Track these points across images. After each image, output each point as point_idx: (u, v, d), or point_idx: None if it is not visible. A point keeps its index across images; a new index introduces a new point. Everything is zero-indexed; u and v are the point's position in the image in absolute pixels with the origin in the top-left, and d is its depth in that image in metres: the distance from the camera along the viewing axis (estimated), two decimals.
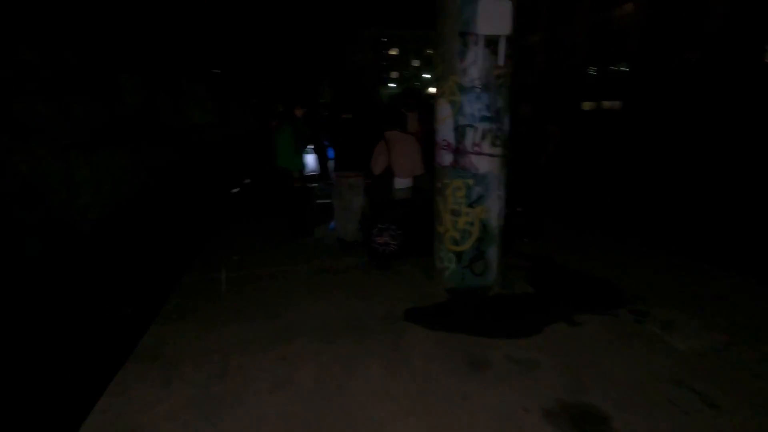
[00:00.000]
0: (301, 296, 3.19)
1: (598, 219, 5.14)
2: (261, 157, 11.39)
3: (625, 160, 10.12)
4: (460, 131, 2.97)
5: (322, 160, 5.08)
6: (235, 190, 7.92)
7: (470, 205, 3.05)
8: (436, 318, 2.86)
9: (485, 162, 3.00)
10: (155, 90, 8.48)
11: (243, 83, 16.17)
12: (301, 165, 4.79)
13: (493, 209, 3.10)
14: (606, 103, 21.43)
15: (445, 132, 3.05)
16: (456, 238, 3.12)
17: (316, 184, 5.49)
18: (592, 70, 22.40)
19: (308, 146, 5.06)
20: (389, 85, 44.57)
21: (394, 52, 49.54)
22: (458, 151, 3.00)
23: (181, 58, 10.02)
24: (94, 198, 5.88)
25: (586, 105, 22.17)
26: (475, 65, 2.85)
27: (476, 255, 3.13)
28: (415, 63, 49.46)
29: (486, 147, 2.97)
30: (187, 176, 8.53)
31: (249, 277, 3.62)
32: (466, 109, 2.92)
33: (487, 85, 2.88)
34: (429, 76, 42.09)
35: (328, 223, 5.05)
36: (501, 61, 2.87)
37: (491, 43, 2.82)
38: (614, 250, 4.09)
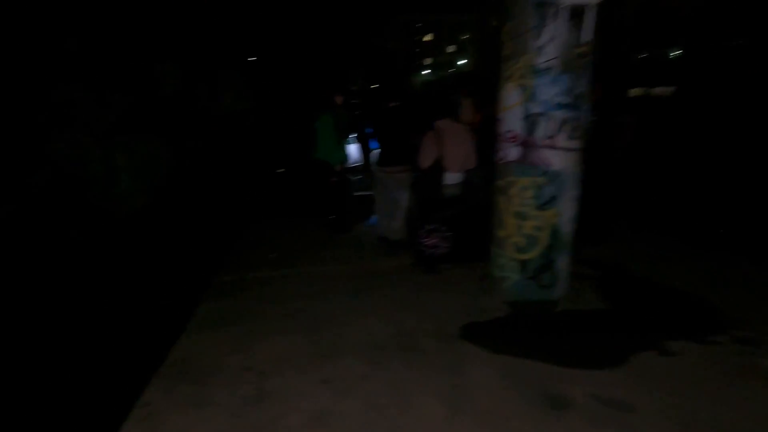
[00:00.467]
0: (343, 305, 2.87)
1: (665, 219, 4.51)
2: (294, 146, 11.18)
3: (683, 152, 9.16)
4: (530, 121, 2.51)
5: (364, 150, 4.67)
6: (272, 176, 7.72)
7: (540, 208, 2.60)
8: (497, 338, 2.47)
9: (560, 157, 2.53)
10: (192, 77, 8.35)
11: (276, 71, 15.99)
12: (344, 157, 4.38)
13: (566, 213, 2.64)
14: (656, 90, 19.83)
15: (512, 122, 2.60)
16: (521, 245, 2.69)
17: (359, 176, 5.10)
18: (641, 54, 20.71)
19: (350, 135, 4.65)
20: (423, 72, 43.43)
21: (428, 38, 48.09)
22: (527, 144, 2.55)
23: (217, 46, 9.86)
24: (131, 185, 5.80)
25: (635, 91, 20.59)
26: (553, 42, 2.37)
27: (544, 265, 2.69)
28: (450, 49, 47.87)
29: (561, 140, 2.50)
30: (222, 164, 8.40)
31: (285, 279, 3.34)
32: (539, 94, 2.46)
33: (567, 66, 2.40)
34: (464, 62, 40.61)
35: (367, 218, 4.73)
36: (587, 36, 2.37)
37: (576, 14, 2.33)
38: (694, 257, 3.51)
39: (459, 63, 40.02)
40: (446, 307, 2.82)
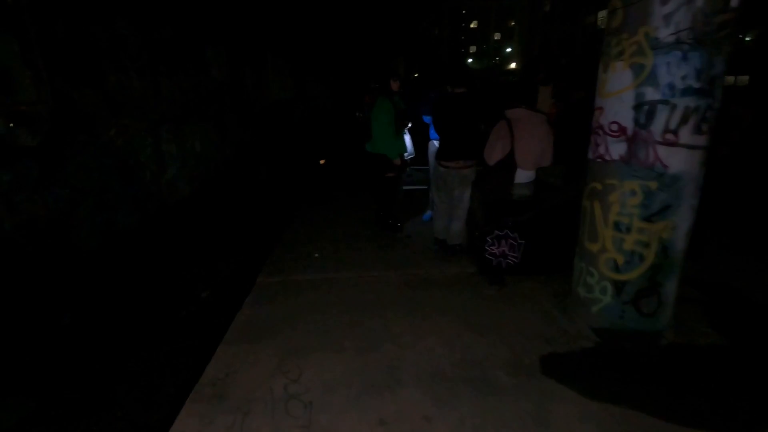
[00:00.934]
0: (400, 321, 2.50)
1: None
2: (337, 136, 10.94)
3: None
4: (645, 110, 1.98)
5: (421, 141, 4.26)
6: (315, 167, 7.47)
7: (647, 219, 2.08)
8: (588, 376, 2.00)
9: (680, 156, 1.99)
10: (241, 64, 8.23)
11: (319, 58, 15.75)
12: (403, 148, 3.93)
13: (682, 226, 2.10)
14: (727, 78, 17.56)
15: (617, 111, 2.08)
16: (618, 263, 2.18)
17: (413, 169, 4.66)
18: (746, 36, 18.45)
19: (407, 125, 4.16)
20: (468, 60, 41.95)
21: (473, 25, 46.34)
22: (638, 139, 2.02)
23: (265, 33, 9.71)
24: (180, 172, 5.73)
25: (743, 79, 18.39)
26: (686, 8, 1.82)
27: (647, 288, 2.17)
28: (496, 36, 45.86)
29: (686, 134, 1.96)
30: (267, 152, 8.27)
31: (332, 283, 3.02)
32: (660, 76, 1.92)
33: (702, 40, 1.85)
34: (510, 50, 38.72)
35: (419, 215, 4.33)
36: (736, 0, 1.80)
37: None
38: None
39: (507, 50, 38.30)
40: (520, 329, 2.37)
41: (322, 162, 7.68)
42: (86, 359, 2.44)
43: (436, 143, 3.91)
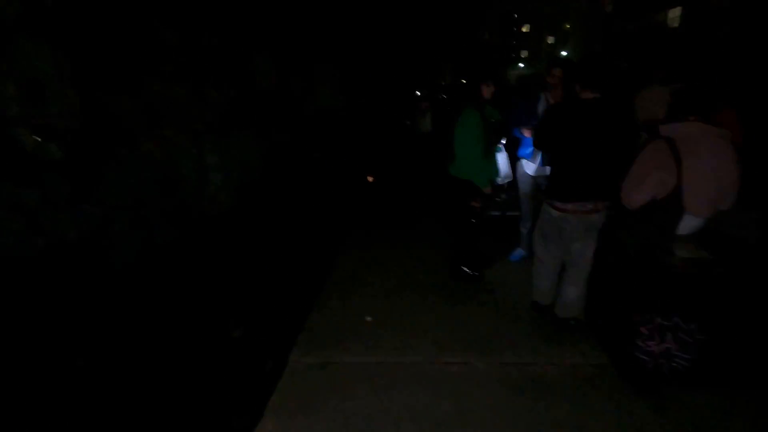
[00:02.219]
0: None
1: None
2: (386, 146, 10.41)
3: None
4: None
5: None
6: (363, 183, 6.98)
7: None
8: None
9: None
10: (288, 72, 8.00)
11: (368, 65, 15.43)
12: (495, 172, 3.10)
13: None
14: None
15: None
16: None
17: (503, 197, 3.82)
18: None
19: (500, 142, 3.30)
20: (519, 65, 40.31)
21: (525, 28, 44.57)
22: None
23: (314, 39, 9.48)
24: (223, 184, 5.47)
25: None
26: None
27: None
28: (550, 40, 43.75)
29: None
30: (314, 164, 7.95)
31: (392, 372, 2.24)
32: None
33: None
34: (566, 53, 36.62)
35: (505, 252, 3.66)
36: None
37: None
38: None
39: (563, 54, 36.29)
40: None
41: (370, 179, 7.17)
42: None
43: (528, 164, 3.26)
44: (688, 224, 1.97)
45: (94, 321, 2.70)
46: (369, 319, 2.73)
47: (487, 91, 2.93)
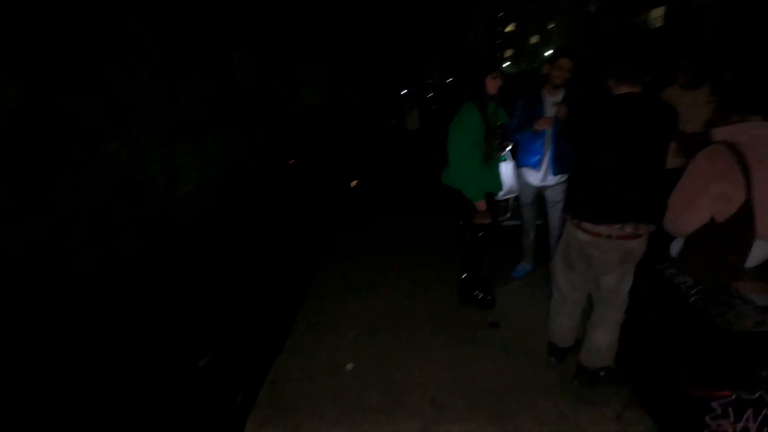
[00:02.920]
0: None
1: None
2: (372, 144, 10.13)
3: None
4: None
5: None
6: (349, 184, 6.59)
7: None
8: None
9: None
10: (271, 68, 7.61)
11: (353, 62, 15.04)
12: (494, 185, 2.57)
13: None
14: None
15: None
16: None
17: (508, 216, 3.56)
18: None
19: (505, 148, 2.80)
20: (504, 64, 40.37)
21: (510, 28, 44.67)
22: None
23: (297, 36, 9.08)
24: (197, 188, 5.09)
25: None
26: None
27: None
28: (534, 39, 43.99)
29: None
30: (298, 162, 7.59)
31: None
32: None
33: None
34: (550, 53, 36.89)
35: (507, 266, 3.27)
36: None
37: None
38: None
39: (545, 54, 36.43)
40: None
41: (353, 184, 6.84)
42: None
43: (531, 172, 2.82)
44: (758, 254, 1.44)
45: (33, 349, 2.34)
46: (350, 367, 2.20)
47: (493, 86, 2.37)
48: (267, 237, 4.75)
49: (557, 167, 2.71)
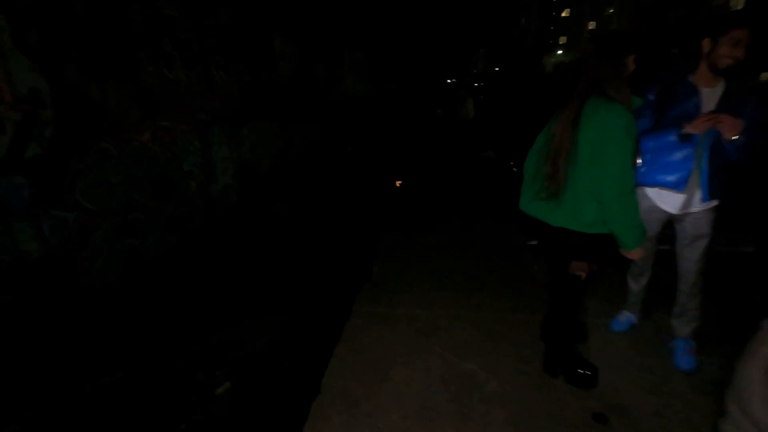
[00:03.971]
0: None
1: None
2: (416, 137, 9.47)
3: None
4: None
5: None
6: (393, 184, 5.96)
7: None
8: None
9: None
10: (313, 57, 7.25)
11: (397, 50, 14.39)
12: (633, 219, 1.68)
13: None
14: None
15: None
16: None
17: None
18: None
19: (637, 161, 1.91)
20: (557, 52, 37.85)
21: (565, 13, 41.75)
22: None
23: (341, 21, 8.66)
24: (233, 182, 4.85)
25: None
26: None
27: None
28: (591, 26, 40.84)
29: None
30: (340, 157, 7.20)
31: None
32: None
33: None
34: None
35: (599, 318, 2.48)
36: None
37: None
38: None
39: None
40: None
41: (398, 183, 6.31)
42: None
43: (668, 195, 2.00)
44: None
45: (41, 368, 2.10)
46: None
47: (628, 61, 1.64)
48: (299, 237, 4.41)
49: (713, 189, 1.90)
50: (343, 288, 3.06)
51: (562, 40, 40.91)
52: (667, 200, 2.03)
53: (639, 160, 1.90)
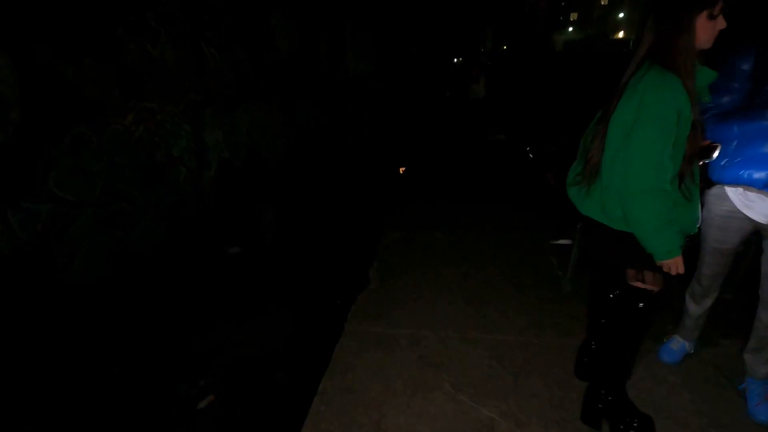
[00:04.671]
0: None
1: None
2: (423, 120, 8.95)
3: None
4: None
5: None
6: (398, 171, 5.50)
7: None
8: None
9: None
10: (315, 34, 6.84)
11: (400, 28, 13.70)
12: (692, 221, 1.40)
13: None
14: None
15: None
16: None
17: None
18: None
19: (712, 153, 1.39)
20: (568, 29, 36.38)
21: None
22: None
23: None
24: (228, 168, 4.59)
25: None
26: None
27: None
28: (603, 1, 39.10)
29: None
30: (344, 139, 6.85)
31: None
32: None
33: None
34: (622, 15, 32.45)
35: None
36: None
37: None
38: None
39: (619, 16, 32.42)
40: None
41: (401, 170, 5.96)
42: None
43: (752, 198, 1.57)
44: None
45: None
46: None
47: (708, 33, 1.27)
48: (298, 229, 4.17)
49: None
50: (334, 300, 2.77)
51: (573, 16, 39.32)
52: (754, 205, 1.56)
53: (715, 153, 1.39)
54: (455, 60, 19.30)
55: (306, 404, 1.76)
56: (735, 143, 1.53)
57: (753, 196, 1.55)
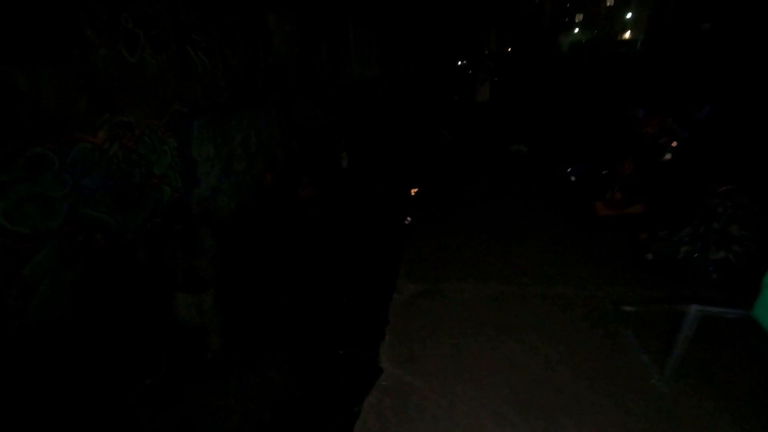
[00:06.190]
0: None
1: None
2: (430, 127, 8.11)
3: None
4: None
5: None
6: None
7: None
8: None
9: None
10: (315, 35, 6.40)
11: (404, 31, 13.22)
12: None
13: None
14: None
15: None
16: None
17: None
18: None
19: None
20: (574, 30, 35.69)
21: None
22: None
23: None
24: (221, 183, 4.16)
25: None
26: None
27: None
28: (609, 2, 38.40)
29: None
30: (345, 146, 6.34)
31: None
32: None
33: None
34: (630, 15, 31.63)
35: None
36: None
37: None
38: None
39: (626, 16, 31.65)
40: None
41: (413, 192, 5.12)
42: None
43: None
44: None
45: None
46: None
47: None
48: (310, 244, 3.69)
49: None
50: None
51: (579, 17, 38.62)
52: None
53: None
54: (459, 63, 18.82)
55: None
56: None
57: None
